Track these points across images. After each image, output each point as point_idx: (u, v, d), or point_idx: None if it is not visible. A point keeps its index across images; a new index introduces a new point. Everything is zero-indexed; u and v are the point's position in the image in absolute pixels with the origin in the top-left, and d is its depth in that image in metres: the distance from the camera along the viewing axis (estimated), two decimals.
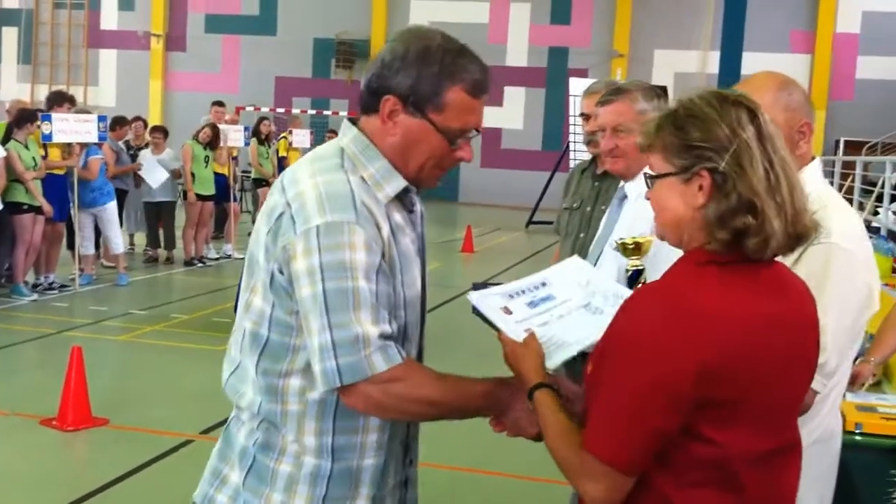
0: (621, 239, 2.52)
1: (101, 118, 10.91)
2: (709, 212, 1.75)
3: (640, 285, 2.41)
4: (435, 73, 2.05)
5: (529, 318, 2.07)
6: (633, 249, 2.49)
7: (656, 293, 1.77)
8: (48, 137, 10.24)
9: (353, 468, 2.11)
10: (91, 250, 11.54)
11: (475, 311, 2.14)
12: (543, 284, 2.17)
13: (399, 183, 2.11)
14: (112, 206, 11.57)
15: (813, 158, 2.42)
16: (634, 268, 2.47)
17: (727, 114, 1.76)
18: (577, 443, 1.79)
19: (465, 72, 2.07)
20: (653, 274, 2.40)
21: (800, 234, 1.76)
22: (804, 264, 2.20)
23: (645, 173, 1.88)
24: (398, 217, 2.12)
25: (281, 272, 2.01)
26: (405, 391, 1.99)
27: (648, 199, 1.88)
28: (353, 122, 2.18)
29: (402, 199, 2.15)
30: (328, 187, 2.01)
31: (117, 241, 11.66)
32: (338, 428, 2.08)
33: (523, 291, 2.16)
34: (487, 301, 2.11)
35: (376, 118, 2.11)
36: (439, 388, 2.04)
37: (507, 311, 2.09)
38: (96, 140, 10.84)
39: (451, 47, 2.09)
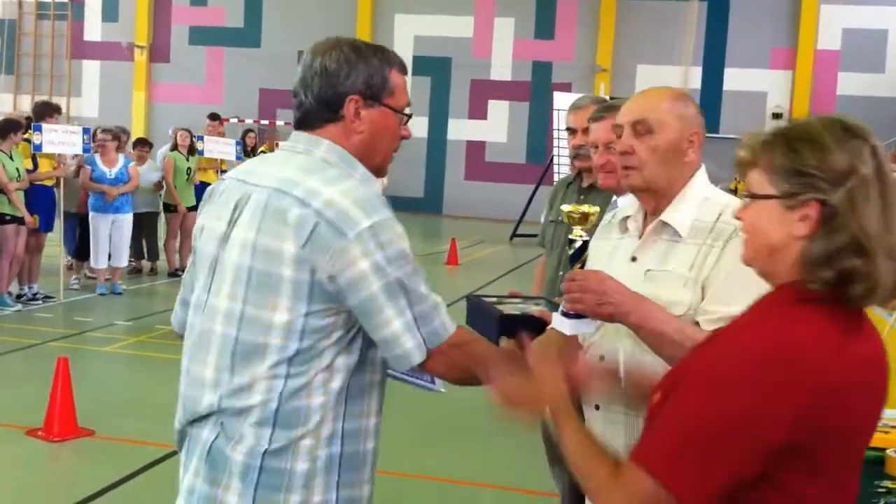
0: (567, 209, 2.50)
1: (86, 130, 10.91)
2: (813, 247, 1.62)
3: (585, 257, 2.42)
4: (377, 65, 2.27)
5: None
6: (580, 219, 2.46)
7: (753, 331, 1.64)
8: (38, 148, 10.25)
9: (360, 452, 2.25)
10: (105, 263, 11.52)
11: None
12: None
13: (378, 185, 2.33)
14: (130, 217, 11.69)
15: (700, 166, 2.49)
16: (580, 237, 2.46)
17: (848, 144, 1.63)
18: (606, 458, 1.71)
19: (392, 55, 2.32)
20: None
21: None
22: (727, 259, 2.23)
23: (745, 192, 1.77)
24: None
25: (332, 279, 2.10)
26: (473, 350, 2.23)
27: (740, 218, 1.77)
28: (302, 133, 2.32)
29: None
30: (355, 193, 2.15)
31: (126, 252, 11.73)
32: (348, 412, 2.21)
33: None
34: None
35: (335, 126, 2.26)
36: (492, 349, 2.30)
37: None
38: (81, 151, 10.83)
39: (368, 43, 2.35)
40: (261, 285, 2.14)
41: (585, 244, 2.46)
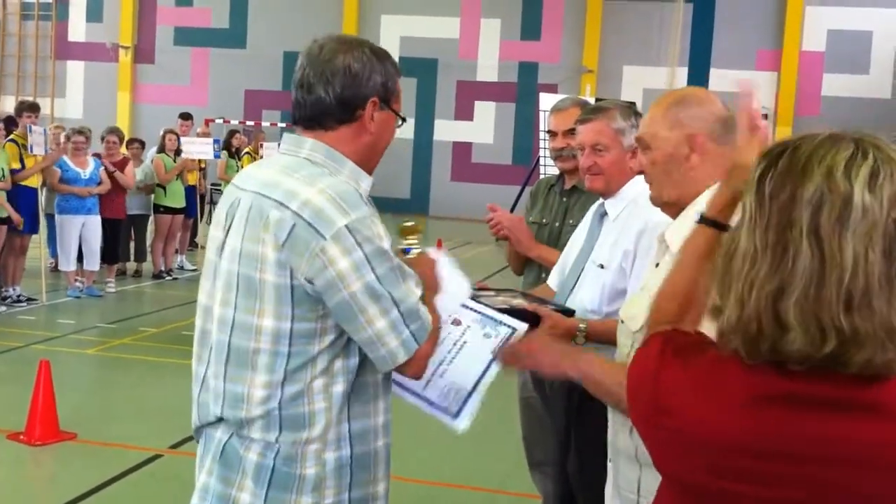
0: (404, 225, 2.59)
1: (43, 131, 10.89)
2: None
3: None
4: (392, 70, 2.30)
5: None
6: (409, 230, 2.55)
7: None
8: (31, 149, 10.25)
9: (371, 451, 2.26)
10: (74, 265, 11.36)
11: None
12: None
13: (369, 181, 2.28)
14: (99, 219, 11.50)
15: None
16: (410, 246, 2.51)
17: None
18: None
19: (395, 63, 2.34)
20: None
21: None
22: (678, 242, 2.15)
23: None
24: None
25: (310, 282, 2.09)
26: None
27: None
28: (292, 133, 2.33)
29: None
30: (334, 190, 2.13)
31: (97, 255, 11.52)
32: (353, 414, 2.21)
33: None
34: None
35: (348, 127, 2.24)
36: None
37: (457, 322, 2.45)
38: (43, 153, 10.71)
39: (377, 46, 2.34)
40: (247, 290, 2.16)
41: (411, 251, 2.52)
